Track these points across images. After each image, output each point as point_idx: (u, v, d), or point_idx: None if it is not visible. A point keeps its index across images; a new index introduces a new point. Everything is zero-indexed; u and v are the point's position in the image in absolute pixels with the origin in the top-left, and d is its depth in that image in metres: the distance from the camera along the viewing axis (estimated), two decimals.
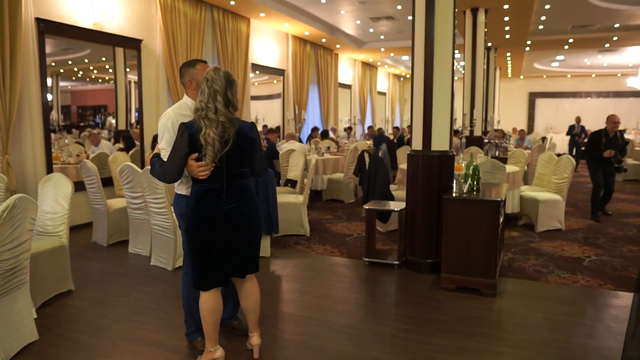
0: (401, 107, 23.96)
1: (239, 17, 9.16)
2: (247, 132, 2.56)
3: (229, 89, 2.50)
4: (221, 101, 2.46)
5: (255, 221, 2.68)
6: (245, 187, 2.63)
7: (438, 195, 4.44)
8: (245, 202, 2.61)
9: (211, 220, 2.56)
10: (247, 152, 2.58)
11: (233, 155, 2.51)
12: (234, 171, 2.56)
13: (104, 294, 3.97)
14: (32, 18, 5.53)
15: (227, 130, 2.45)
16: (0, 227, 2.72)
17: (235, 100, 2.54)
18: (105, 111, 8.06)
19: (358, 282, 4.36)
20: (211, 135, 2.41)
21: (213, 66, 2.55)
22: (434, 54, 4.33)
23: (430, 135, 4.41)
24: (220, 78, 2.48)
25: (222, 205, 2.55)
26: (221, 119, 2.45)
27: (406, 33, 12.31)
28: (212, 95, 2.46)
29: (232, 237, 2.60)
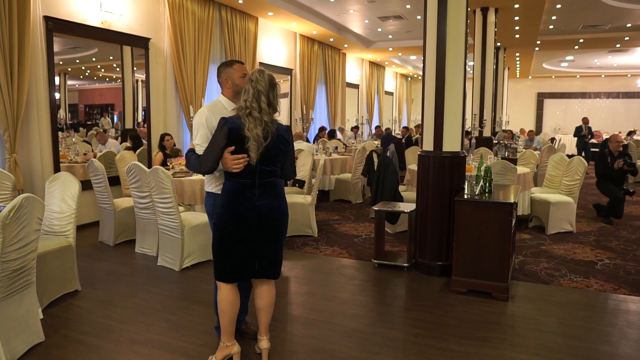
0: (408, 107, 23.85)
1: (247, 16, 9.12)
2: (283, 133, 2.63)
3: (272, 91, 2.57)
4: (265, 101, 2.53)
5: (284, 218, 2.72)
6: (276, 185, 2.67)
7: (449, 196, 4.37)
8: (276, 198, 2.66)
9: (243, 214, 2.60)
10: (282, 152, 2.63)
11: (269, 153, 2.56)
12: (266, 168, 2.59)
13: (111, 294, 3.94)
14: (41, 16, 5.51)
15: (268, 128, 2.53)
16: (7, 227, 2.69)
17: (276, 103, 2.61)
18: (112, 110, 8.05)
19: (367, 285, 4.30)
20: (255, 132, 2.49)
21: (258, 68, 2.64)
22: (445, 54, 4.26)
23: (442, 135, 4.35)
24: (265, 80, 2.55)
25: (255, 201, 2.59)
26: (265, 119, 2.53)
27: (415, 33, 12.24)
28: (256, 96, 2.53)
29: (261, 232, 2.63)
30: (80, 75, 7.63)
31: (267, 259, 2.68)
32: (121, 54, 7.07)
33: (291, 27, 10.84)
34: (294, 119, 11.42)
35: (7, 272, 2.79)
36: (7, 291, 2.82)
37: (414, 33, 12.37)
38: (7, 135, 5.04)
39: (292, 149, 2.73)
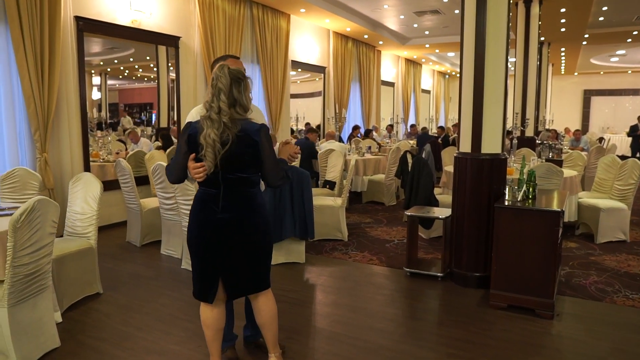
0: (446, 105, 23.23)
1: (279, 13, 8.97)
2: (251, 134, 2.28)
3: (235, 87, 2.26)
4: (225, 100, 2.23)
5: (257, 233, 2.40)
6: (246, 196, 2.36)
7: (488, 202, 4.05)
8: (245, 212, 2.35)
9: (204, 227, 2.36)
10: (249, 157, 2.30)
11: (231, 158, 2.26)
12: (231, 176, 2.31)
13: (131, 298, 3.83)
14: (71, 16, 5.50)
15: (228, 131, 2.22)
16: (18, 231, 2.59)
17: (244, 99, 2.30)
18: (151, 109, 8.11)
19: (398, 296, 4.04)
20: (211, 136, 2.21)
21: (219, 63, 2.34)
22: (485, 49, 3.94)
23: (481, 136, 4.03)
24: (225, 75, 2.25)
25: (217, 213, 2.33)
26: (224, 120, 2.22)
27: (452, 28, 11.79)
28: (216, 94, 2.25)
29: (227, 249, 2.36)
30: (120, 75, 7.73)
31: (241, 277, 2.41)
32: (156, 54, 7.07)
33: (324, 24, 10.62)
34: (326, 118, 11.21)
35: (20, 277, 2.69)
36: (20, 296, 2.73)
37: (452, 28, 11.92)
38: (38, 134, 5.04)
39: (266, 150, 2.32)
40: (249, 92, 2.34)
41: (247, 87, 2.32)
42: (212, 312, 2.47)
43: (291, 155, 2.57)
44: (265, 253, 2.46)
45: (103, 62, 7.24)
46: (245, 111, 2.31)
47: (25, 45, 4.81)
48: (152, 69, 7.43)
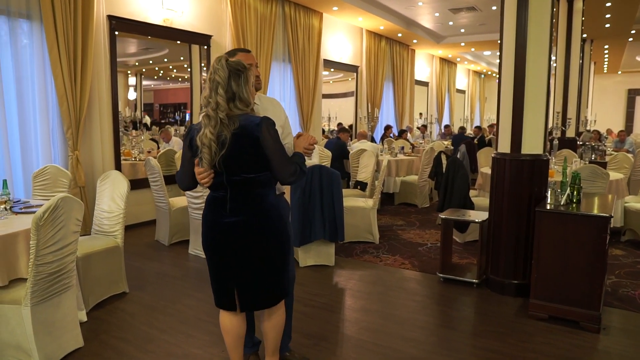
0: (481, 105, 22.67)
1: (311, 12, 8.86)
2: (251, 130, 2.05)
3: (234, 80, 2.07)
4: (222, 95, 2.04)
5: (265, 238, 2.19)
6: (254, 198, 2.16)
7: (528, 205, 3.81)
8: (254, 214, 2.16)
9: (213, 232, 2.21)
10: (251, 155, 2.09)
11: (231, 158, 2.07)
12: (235, 178, 2.11)
13: (157, 299, 3.78)
14: (104, 15, 5.54)
15: (224, 129, 2.04)
16: (42, 229, 2.55)
17: (244, 93, 2.09)
18: (185, 109, 8.16)
19: (431, 302, 3.85)
20: (207, 136, 2.03)
21: (218, 56, 2.15)
22: (526, 45, 3.70)
23: (521, 135, 3.79)
24: (223, 67, 2.06)
25: (224, 217, 2.16)
26: (220, 116, 2.03)
27: (490, 25, 11.44)
28: (213, 89, 2.06)
29: (236, 255, 2.19)
30: (155, 76, 7.81)
31: (248, 289, 2.21)
32: (189, 54, 7.09)
33: (357, 23, 10.46)
34: (358, 118, 11.03)
35: (43, 275, 2.66)
36: (43, 295, 2.70)
37: (489, 26, 11.56)
38: (70, 133, 5.08)
39: (272, 146, 2.09)
40: (250, 85, 2.15)
41: (248, 79, 2.12)
42: (231, 319, 2.33)
43: (306, 148, 2.34)
44: (280, 260, 2.24)
45: (138, 63, 7.32)
46: (247, 105, 2.11)
47: (59, 44, 4.86)
48: (186, 70, 7.47)
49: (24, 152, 4.86)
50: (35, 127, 4.94)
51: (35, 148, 4.96)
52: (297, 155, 2.31)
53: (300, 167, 2.23)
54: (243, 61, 2.24)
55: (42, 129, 4.97)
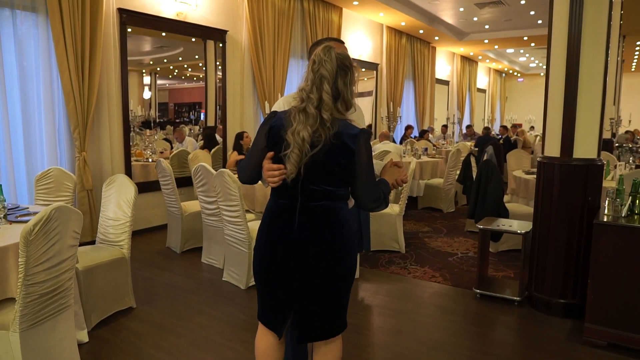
0: (502, 105, 22.07)
1: (331, 6, 8.49)
2: (347, 139, 1.75)
3: (342, 77, 1.78)
4: (328, 91, 1.75)
5: (340, 261, 1.85)
6: (330, 212, 1.84)
7: (580, 216, 3.39)
8: (327, 231, 1.83)
9: (275, 245, 1.87)
10: (340, 167, 1.78)
11: (317, 166, 1.77)
12: (313, 187, 1.80)
13: (167, 315, 3.44)
14: (114, 8, 5.23)
15: (322, 131, 1.74)
16: (32, 244, 2.22)
17: (349, 94, 1.81)
18: (200, 108, 7.91)
19: (468, 323, 3.44)
20: (302, 135, 1.74)
21: (325, 44, 1.83)
22: (581, 35, 3.28)
23: (573, 138, 3.37)
24: (332, 60, 1.76)
25: (292, 231, 1.83)
26: (324, 115, 1.74)
27: (516, 21, 10.95)
28: (316, 83, 1.76)
29: (299, 276, 1.85)
30: (169, 75, 7.60)
31: (309, 315, 1.88)
32: (204, 52, 6.79)
33: (377, 18, 10.05)
34: (379, 117, 10.62)
35: (35, 297, 2.32)
36: (35, 318, 2.36)
37: (515, 22, 11.06)
38: (77, 133, 4.78)
39: (364, 163, 1.79)
40: (354, 86, 1.83)
41: (354, 78, 1.82)
42: (271, 342, 1.97)
43: (396, 182, 2.03)
44: (345, 285, 1.92)
45: (153, 62, 7.07)
46: (348, 109, 1.81)
47: (65, 38, 4.56)
48: (201, 68, 7.20)
49: (27, 153, 4.57)
50: (40, 127, 4.65)
51: (40, 149, 4.67)
52: (383, 182, 1.97)
53: (385, 197, 1.90)
54: None
55: (47, 129, 4.68)
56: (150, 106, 6.97)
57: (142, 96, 6.79)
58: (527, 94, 22.35)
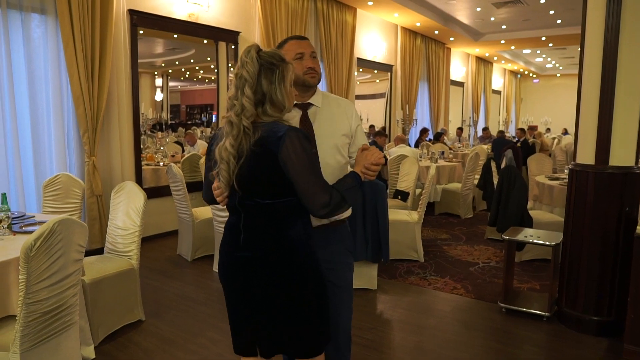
0: (517, 107, 21.72)
1: (345, 7, 8.31)
2: (269, 144, 1.58)
3: (265, 77, 1.61)
4: (250, 96, 1.59)
5: (287, 282, 1.66)
6: (272, 229, 1.66)
7: (617, 228, 3.17)
8: (271, 252, 1.66)
9: (225, 265, 1.77)
10: (267, 176, 1.61)
11: (244, 178, 1.62)
12: (248, 202, 1.65)
13: (177, 329, 3.29)
14: (125, 10, 5.11)
15: (243, 140, 1.60)
16: (33, 260, 2.07)
17: (278, 94, 1.62)
18: (211, 110, 7.82)
19: (494, 341, 3.24)
20: (227, 149, 1.60)
21: (248, 46, 1.66)
22: (619, 32, 3.07)
23: (609, 144, 3.15)
24: (252, 61, 1.59)
25: (238, 250, 1.70)
26: (245, 124, 1.59)
27: (534, 21, 10.69)
28: (239, 88, 1.61)
29: (252, 300, 1.71)
30: (181, 77, 7.54)
31: (267, 335, 1.73)
32: (216, 53, 6.67)
33: (392, 19, 9.85)
34: (394, 120, 10.42)
35: (37, 316, 2.17)
36: (37, 338, 2.21)
37: (534, 22, 10.80)
38: (87, 137, 4.66)
39: (296, 166, 1.59)
40: (287, 83, 1.64)
41: (285, 76, 1.63)
42: None
43: (367, 168, 1.75)
44: (309, 309, 1.70)
45: (165, 64, 6.99)
46: (280, 110, 1.63)
47: (75, 40, 4.44)
48: (213, 70, 7.10)
49: (36, 159, 4.45)
50: (49, 131, 4.53)
51: (49, 154, 4.55)
52: (347, 178, 1.74)
53: (342, 197, 1.66)
54: (292, 51, 1.80)
55: (56, 133, 4.56)
56: (162, 108, 6.87)
57: (154, 98, 6.69)
58: (543, 95, 21.97)
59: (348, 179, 1.73)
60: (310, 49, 1.94)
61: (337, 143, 1.96)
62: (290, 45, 1.93)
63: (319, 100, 1.99)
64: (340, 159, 1.98)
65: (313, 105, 1.97)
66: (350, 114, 2.02)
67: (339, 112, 2.00)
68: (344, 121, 1.98)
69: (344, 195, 1.67)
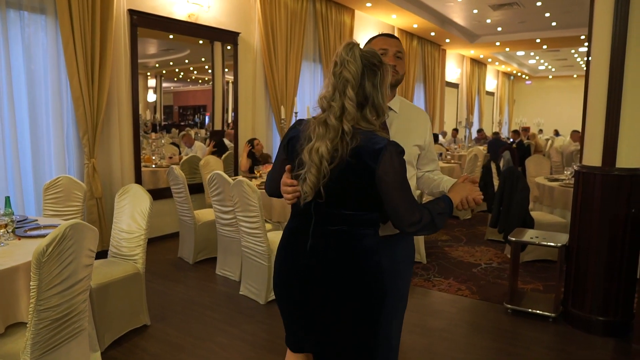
0: (510, 108, 21.85)
1: (343, 8, 8.30)
2: (366, 156, 1.48)
3: (369, 79, 1.51)
4: (352, 97, 1.48)
5: (353, 293, 1.56)
6: (346, 236, 1.56)
7: (624, 230, 3.18)
8: (342, 259, 1.56)
9: (287, 272, 1.66)
10: (361, 190, 1.52)
11: (333, 187, 1.52)
12: (328, 209, 1.56)
13: (183, 334, 3.25)
14: (125, 10, 5.05)
15: (340, 146, 1.49)
16: (45, 266, 2.02)
17: (379, 97, 1.52)
18: (204, 111, 7.77)
19: (504, 342, 3.23)
20: (320, 152, 1.48)
21: (347, 41, 1.54)
22: (627, 33, 3.08)
23: (616, 146, 3.16)
24: (355, 60, 1.48)
25: (303, 258, 1.60)
26: (345, 127, 1.47)
27: (530, 23, 10.75)
28: (339, 88, 1.49)
29: (313, 310, 1.62)
30: (175, 78, 7.46)
31: (326, 345, 1.64)
32: (212, 54, 6.62)
33: (390, 20, 9.85)
34: None
35: (47, 322, 2.13)
36: (48, 346, 2.17)
37: (529, 24, 10.86)
38: (86, 139, 4.59)
39: (390, 183, 1.49)
40: (386, 86, 1.55)
41: (385, 78, 1.53)
42: None
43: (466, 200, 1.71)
44: (370, 323, 1.60)
45: (159, 64, 6.92)
46: (379, 115, 1.53)
47: (75, 40, 4.38)
48: (207, 71, 7.04)
49: (35, 161, 4.38)
50: (49, 133, 4.46)
51: (48, 156, 4.48)
52: (441, 202, 1.67)
53: (432, 219, 1.58)
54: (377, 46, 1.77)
55: (55, 135, 4.49)
56: (156, 109, 6.80)
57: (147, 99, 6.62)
58: (535, 96, 22.12)
59: (442, 203, 1.66)
60: (395, 47, 1.89)
61: (410, 152, 1.85)
62: (377, 41, 1.90)
63: (397, 105, 1.93)
64: (410, 169, 1.84)
65: (391, 110, 1.90)
66: (426, 125, 1.97)
67: (416, 122, 1.94)
68: (419, 132, 1.92)
69: (434, 218, 1.60)
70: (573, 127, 13.01)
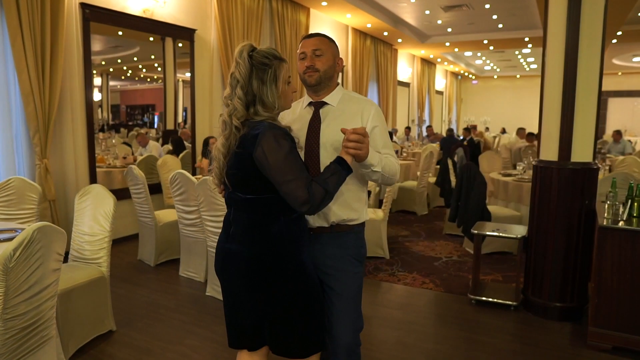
0: (458, 107, 22.60)
1: (299, 7, 8.30)
2: (246, 143, 1.64)
3: (257, 78, 1.66)
4: (241, 97, 1.66)
5: (267, 277, 1.72)
6: (255, 223, 1.71)
7: (578, 220, 3.38)
8: (253, 246, 1.72)
9: (217, 256, 1.86)
10: (249, 173, 1.67)
11: (232, 173, 1.73)
12: (234, 196, 1.76)
13: (151, 338, 3.15)
14: (77, 3, 4.82)
15: (233, 139, 1.71)
16: (12, 272, 1.91)
17: (268, 95, 1.67)
18: (153, 110, 7.55)
19: (470, 332, 3.35)
20: (218, 148, 1.74)
21: (243, 43, 1.70)
22: (579, 37, 3.27)
23: (570, 142, 3.35)
24: (244, 61, 1.64)
25: (226, 242, 1.80)
26: (235, 124, 1.67)
27: (479, 25, 11.16)
28: (233, 88, 1.69)
29: (242, 288, 1.78)
30: (122, 76, 7.19)
31: (269, 331, 1.80)
32: (163, 51, 6.43)
33: (344, 20, 9.95)
34: None
35: (14, 332, 2.01)
36: (14, 356, 2.05)
37: (478, 25, 11.28)
38: (37, 138, 4.35)
39: (270, 164, 1.60)
40: (281, 82, 1.69)
41: (277, 75, 1.68)
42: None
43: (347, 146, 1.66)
44: (290, 308, 1.75)
45: (105, 62, 6.64)
46: (271, 110, 1.68)
47: (23, 35, 4.13)
48: (156, 69, 6.84)
49: None
50: None
51: None
52: (329, 165, 1.70)
53: (324, 189, 1.63)
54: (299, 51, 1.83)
55: (4, 135, 4.23)
56: (102, 108, 6.54)
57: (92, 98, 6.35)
58: (482, 95, 23.01)
59: (331, 166, 1.70)
60: (312, 46, 1.88)
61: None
62: (299, 47, 1.91)
63: (335, 99, 1.93)
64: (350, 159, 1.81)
65: (327, 104, 1.93)
66: (368, 114, 1.90)
67: (353, 112, 1.90)
68: (355, 121, 1.87)
69: (326, 186, 1.65)
70: (517, 124, 13.64)
